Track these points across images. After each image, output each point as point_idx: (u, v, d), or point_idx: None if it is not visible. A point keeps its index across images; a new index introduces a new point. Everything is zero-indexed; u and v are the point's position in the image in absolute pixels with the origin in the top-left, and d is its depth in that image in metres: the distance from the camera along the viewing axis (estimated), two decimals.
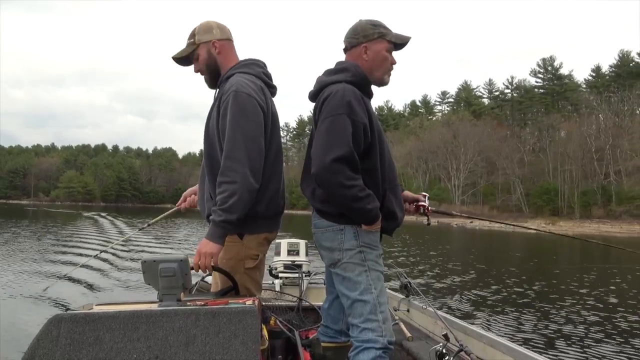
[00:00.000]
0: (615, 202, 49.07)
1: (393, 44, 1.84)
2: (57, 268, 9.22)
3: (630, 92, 57.33)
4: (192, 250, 13.17)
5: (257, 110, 1.76)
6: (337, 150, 1.65)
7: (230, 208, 1.66)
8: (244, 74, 1.84)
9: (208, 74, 1.93)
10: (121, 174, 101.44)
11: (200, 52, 1.91)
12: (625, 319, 6.80)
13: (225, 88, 1.81)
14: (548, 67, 71.73)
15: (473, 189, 62.13)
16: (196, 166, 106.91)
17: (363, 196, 1.69)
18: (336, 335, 2.05)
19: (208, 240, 1.68)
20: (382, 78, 1.86)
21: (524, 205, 56.06)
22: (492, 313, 6.83)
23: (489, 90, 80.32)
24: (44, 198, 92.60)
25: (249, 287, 1.84)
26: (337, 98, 1.71)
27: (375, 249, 1.80)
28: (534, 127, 64.02)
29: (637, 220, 43.70)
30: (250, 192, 1.70)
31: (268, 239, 1.91)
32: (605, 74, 67.30)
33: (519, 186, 57.55)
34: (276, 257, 3.65)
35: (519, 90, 74.28)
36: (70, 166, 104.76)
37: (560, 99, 69.37)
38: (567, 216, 50.91)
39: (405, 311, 2.93)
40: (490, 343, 2.23)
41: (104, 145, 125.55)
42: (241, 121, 1.72)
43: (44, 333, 1.31)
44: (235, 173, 1.68)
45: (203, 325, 1.34)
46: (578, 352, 5.11)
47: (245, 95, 1.74)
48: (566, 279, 10.73)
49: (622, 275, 11.49)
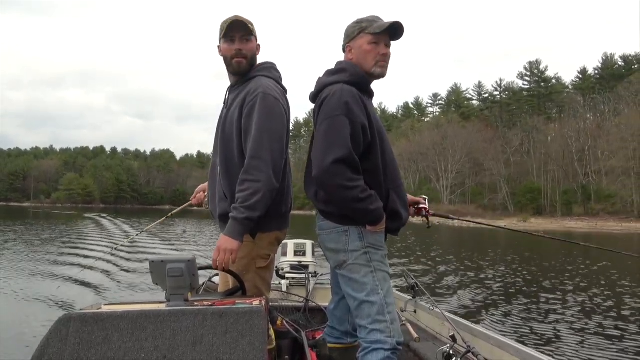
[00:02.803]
0: (594, 200, 51.25)
1: (377, 34, 1.80)
2: (64, 269, 9.16)
3: (611, 95, 59.92)
4: (198, 250, 13.18)
5: (282, 113, 1.81)
6: (336, 152, 1.65)
7: (253, 206, 1.68)
8: (267, 78, 1.87)
9: (247, 64, 1.89)
10: (120, 175, 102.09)
11: (255, 42, 1.91)
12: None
13: (249, 88, 1.83)
14: (534, 70, 73.62)
15: (461, 189, 64.36)
16: (194, 168, 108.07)
17: (365, 197, 1.68)
18: (342, 336, 2.03)
19: (228, 237, 1.69)
20: (372, 71, 1.82)
21: (509, 204, 57.49)
22: (500, 313, 6.69)
23: (478, 92, 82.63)
24: (45, 200, 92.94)
25: (259, 286, 1.84)
26: (335, 99, 1.72)
27: (380, 250, 1.79)
28: (519, 129, 66.58)
29: (613, 217, 46.34)
30: (271, 192, 1.73)
31: (279, 238, 1.92)
32: (591, 76, 70.03)
33: (504, 186, 59.17)
34: (283, 257, 3.62)
35: (508, 92, 76.86)
36: (70, 168, 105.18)
37: (546, 100, 71.91)
38: (550, 214, 53.40)
39: (412, 312, 2.91)
40: (498, 344, 2.20)
41: (103, 148, 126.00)
42: (268, 123, 1.75)
43: (53, 332, 1.32)
44: (260, 172, 1.70)
45: (210, 325, 1.34)
46: (588, 353, 4.93)
47: (272, 98, 1.78)
48: (569, 277, 10.52)
49: (620, 271, 11.38)
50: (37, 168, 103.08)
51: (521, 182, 59.49)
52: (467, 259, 13.97)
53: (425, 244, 17.91)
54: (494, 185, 60.83)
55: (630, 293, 8.65)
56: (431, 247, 17.33)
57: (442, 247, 18.26)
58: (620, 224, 41.91)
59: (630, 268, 11.86)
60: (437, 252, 15.83)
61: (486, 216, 51.28)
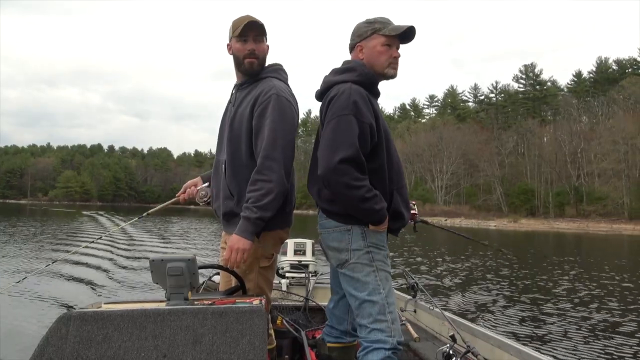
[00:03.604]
0: (586, 202, 51.88)
1: (390, 37, 1.81)
2: (64, 267, 8.99)
3: (605, 98, 60.73)
4: (196, 248, 13.15)
5: (293, 114, 1.82)
6: (343, 151, 1.64)
7: (266, 205, 1.69)
8: (275, 79, 1.86)
9: (258, 65, 1.88)
10: (118, 174, 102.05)
11: (265, 42, 1.91)
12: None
13: (261, 89, 1.82)
14: (529, 74, 74.55)
15: (456, 189, 64.83)
16: (191, 166, 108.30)
17: (370, 197, 1.67)
18: (341, 335, 2.02)
19: (240, 237, 1.69)
20: (384, 72, 1.83)
21: (503, 205, 58.13)
22: (499, 313, 6.68)
23: (474, 94, 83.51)
24: (43, 198, 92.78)
25: (262, 286, 1.83)
26: (343, 98, 1.71)
27: (382, 249, 1.79)
28: (514, 131, 67.54)
29: (604, 219, 47.21)
30: (283, 192, 1.75)
31: (282, 237, 1.91)
32: (585, 79, 70.93)
33: (498, 187, 59.73)
34: (283, 256, 3.60)
35: (503, 95, 77.55)
36: (67, 166, 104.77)
37: (540, 103, 72.78)
38: (543, 215, 54.31)
39: (412, 312, 2.91)
40: (498, 344, 2.19)
41: (100, 146, 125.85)
42: (281, 124, 1.75)
43: (53, 331, 1.31)
44: (273, 173, 1.71)
45: (210, 324, 1.33)
46: (588, 353, 4.91)
47: (285, 99, 1.79)
48: (569, 276, 10.49)
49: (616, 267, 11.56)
50: (34, 166, 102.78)
51: (515, 183, 60.14)
52: (465, 258, 13.99)
53: (421, 243, 17.93)
54: (488, 186, 61.34)
55: (631, 293, 8.68)
56: (426, 246, 17.36)
57: (436, 245, 18.28)
58: (610, 225, 42.65)
59: (630, 268, 12.10)
60: (433, 251, 15.84)
61: (479, 217, 52.46)
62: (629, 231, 37.88)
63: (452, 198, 64.20)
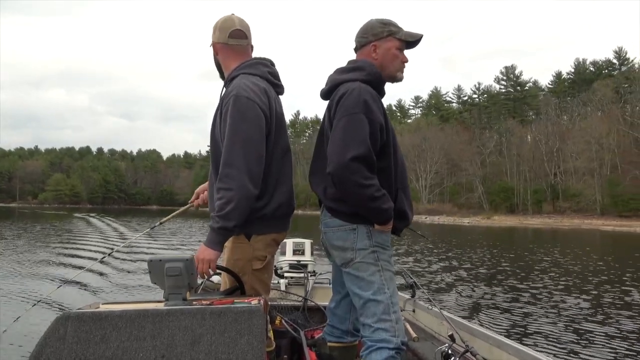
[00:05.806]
0: (562, 199, 53.97)
1: (404, 42, 1.82)
2: (60, 270, 8.94)
3: (579, 99, 62.43)
4: (194, 249, 13.16)
5: (257, 114, 1.69)
6: (355, 149, 1.62)
7: (227, 215, 1.62)
8: (248, 75, 1.77)
9: (218, 71, 1.90)
10: (107, 176, 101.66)
11: (213, 48, 1.89)
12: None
13: (227, 91, 1.75)
14: (510, 75, 76.76)
15: (439, 188, 66.08)
16: (181, 168, 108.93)
17: (379, 196, 1.66)
18: (343, 335, 2.00)
19: (206, 247, 1.64)
20: (395, 75, 1.84)
21: (484, 202, 59.68)
22: (498, 312, 6.64)
23: (458, 95, 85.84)
24: (32, 201, 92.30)
25: (257, 288, 1.79)
26: (354, 96, 1.68)
27: (387, 249, 1.78)
28: (494, 131, 69.32)
29: (578, 215, 49.36)
30: (248, 199, 1.65)
31: (276, 240, 1.86)
32: (565, 80, 73.44)
33: (480, 185, 61.12)
34: (282, 256, 3.58)
35: (486, 95, 79.73)
36: (56, 169, 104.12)
37: (521, 104, 74.96)
38: (522, 212, 56.51)
39: (411, 311, 2.89)
40: (497, 344, 2.18)
41: (89, 148, 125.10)
42: (240, 126, 1.66)
43: (51, 331, 1.30)
44: (232, 180, 1.63)
45: (209, 325, 1.32)
46: (588, 353, 4.88)
47: (245, 99, 1.68)
48: (569, 277, 10.39)
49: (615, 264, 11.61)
50: (22, 169, 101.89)
51: (496, 182, 61.81)
52: (462, 256, 14.07)
53: (415, 242, 17.85)
54: (470, 184, 62.61)
55: (631, 293, 8.60)
56: (421, 244, 17.30)
57: (432, 243, 18.35)
58: (583, 220, 44.81)
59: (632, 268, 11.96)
60: (430, 250, 15.89)
61: (461, 214, 54.78)
62: (598, 226, 39.56)
63: (435, 197, 66.08)
